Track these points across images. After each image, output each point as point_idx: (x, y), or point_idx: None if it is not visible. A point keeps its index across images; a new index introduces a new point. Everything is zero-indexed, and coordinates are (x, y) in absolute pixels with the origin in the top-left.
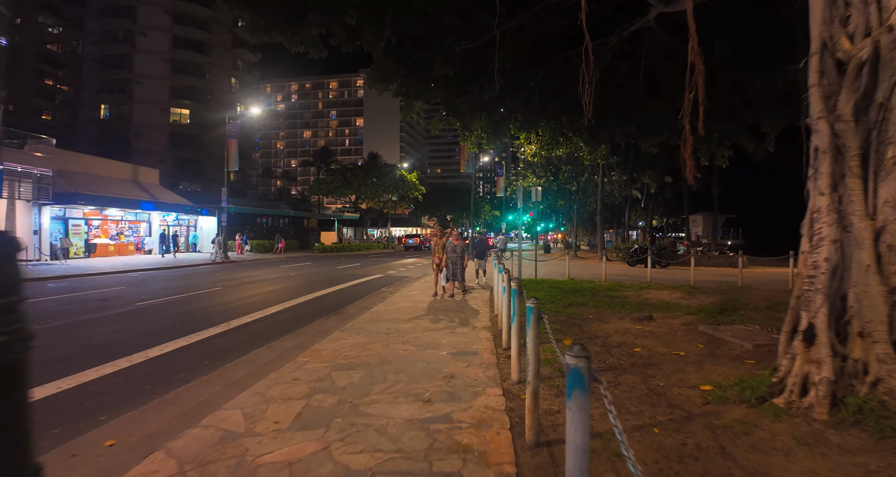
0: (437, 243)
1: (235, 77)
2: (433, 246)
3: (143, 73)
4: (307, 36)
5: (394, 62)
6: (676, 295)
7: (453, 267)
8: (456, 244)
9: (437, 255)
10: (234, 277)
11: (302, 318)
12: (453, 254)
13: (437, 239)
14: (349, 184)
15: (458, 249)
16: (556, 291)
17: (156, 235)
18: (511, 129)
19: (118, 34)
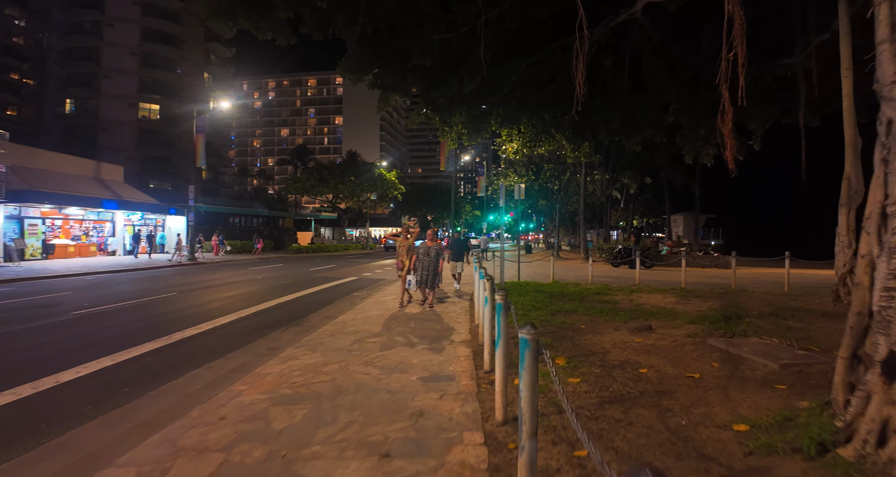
0: (402, 244)
1: (208, 72)
2: (397, 247)
3: (111, 67)
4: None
5: (369, 52)
6: (670, 300)
7: (425, 272)
8: (430, 245)
9: (401, 257)
10: (195, 280)
11: (256, 329)
12: (426, 257)
13: (402, 239)
14: (325, 182)
15: (431, 252)
16: (541, 295)
17: (120, 236)
18: (492, 124)
19: (85, 26)
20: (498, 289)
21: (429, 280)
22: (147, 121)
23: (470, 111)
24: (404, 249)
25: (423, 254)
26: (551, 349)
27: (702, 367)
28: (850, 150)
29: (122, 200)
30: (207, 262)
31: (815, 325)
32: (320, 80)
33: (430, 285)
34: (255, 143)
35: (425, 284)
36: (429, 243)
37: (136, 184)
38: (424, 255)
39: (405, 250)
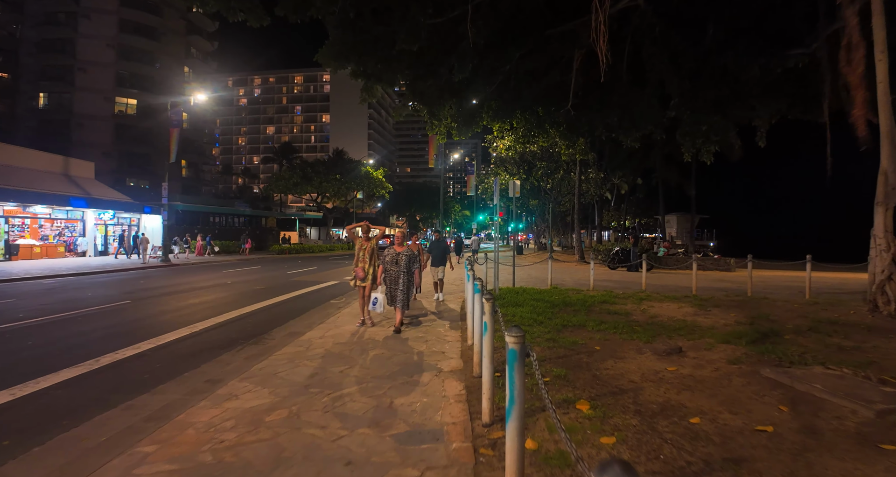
0: (363, 247)
1: (189, 66)
2: (355, 250)
3: (87, 60)
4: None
5: (351, 37)
6: (687, 310)
7: (393, 286)
8: (399, 251)
9: (361, 263)
10: (158, 285)
11: (205, 351)
12: (393, 267)
13: (363, 241)
14: (309, 180)
15: (401, 260)
16: (541, 304)
17: (91, 236)
18: (484, 118)
19: (60, 16)
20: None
21: (397, 296)
22: (124, 116)
23: (460, 103)
24: (365, 254)
25: (389, 262)
26: (567, 384)
27: (768, 413)
28: (887, 142)
29: (91, 198)
30: (182, 263)
31: (868, 344)
32: (307, 77)
33: (399, 303)
34: (241, 141)
35: (393, 301)
36: (397, 248)
37: (113, 181)
38: (391, 264)
39: (366, 254)
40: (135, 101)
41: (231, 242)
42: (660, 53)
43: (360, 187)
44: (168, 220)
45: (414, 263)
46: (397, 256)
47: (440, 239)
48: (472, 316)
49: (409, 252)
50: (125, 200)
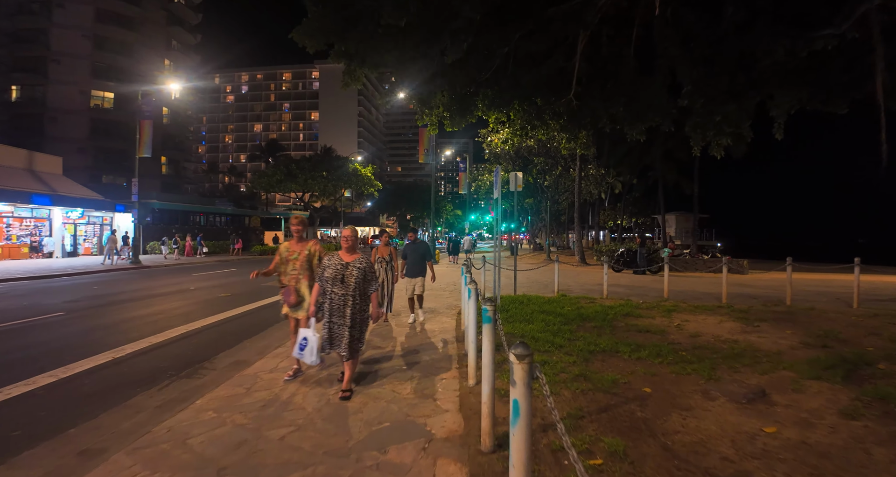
0: (292, 252)
1: (169, 59)
2: (279, 261)
3: (62, 51)
4: None
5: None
6: (730, 325)
7: (336, 320)
8: (348, 260)
9: (289, 281)
10: (111, 292)
11: (120, 386)
12: (338, 288)
13: (292, 244)
14: (294, 177)
15: (350, 276)
16: (555, 319)
17: (58, 235)
18: (479, 107)
19: (33, 6)
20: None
21: (343, 337)
22: (100, 110)
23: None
24: (296, 263)
25: (329, 280)
26: (625, 463)
27: None
28: None
29: (57, 195)
30: (154, 265)
31: None
32: (296, 74)
33: (347, 349)
34: (227, 139)
35: (335, 344)
36: (345, 257)
37: (88, 178)
38: (333, 281)
39: (298, 264)
40: (112, 95)
41: (221, 242)
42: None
43: (347, 185)
44: (143, 219)
45: (371, 283)
46: (343, 269)
47: (416, 241)
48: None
49: (362, 264)
50: (94, 198)
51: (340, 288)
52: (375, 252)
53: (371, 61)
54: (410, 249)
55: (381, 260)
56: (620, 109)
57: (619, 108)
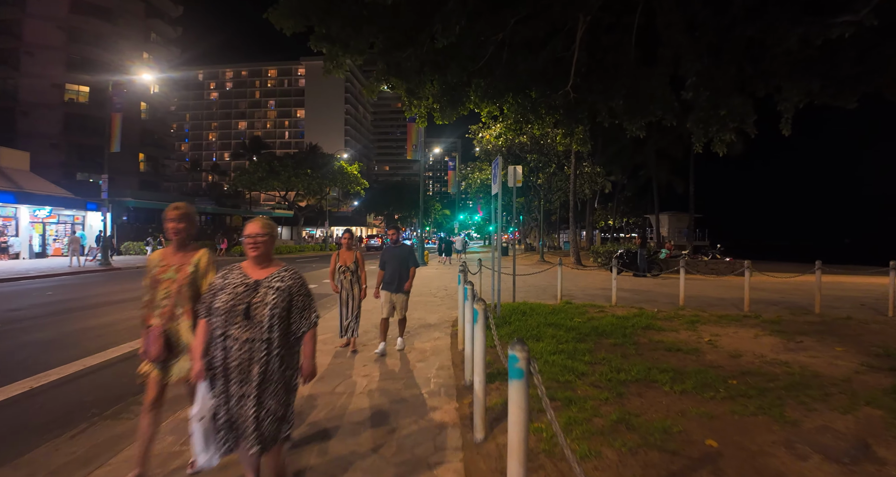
0: (165, 268)
1: (148, 52)
2: (148, 278)
3: (34, 43)
4: None
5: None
6: (768, 341)
7: (234, 387)
8: (259, 278)
9: (158, 313)
10: (65, 298)
11: (26, 429)
12: (244, 328)
13: (167, 254)
14: (277, 175)
15: (268, 308)
16: (566, 334)
17: (25, 235)
18: (472, 97)
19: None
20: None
21: (249, 419)
22: (75, 104)
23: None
24: (175, 290)
25: (225, 313)
26: None
27: None
28: None
29: (23, 193)
30: (125, 267)
31: None
32: (281, 71)
33: (253, 438)
34: (211, 137)
35: (231, 430)
36: (252, 272)
37: (61, 175)
38: (231, 317)
39: (178, 292)
40: (87, 89)
41: (208, 242)
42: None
43: (333, 183)
44: (118, 218)
45: (302, 315)
46: (248, 294)
47: (398, 243)
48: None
49: (285, 281)
50: (64, 195)
51: (244, 328)
52: (336, 259)
53: (355, 46)
54: (391, 253)
55: (344, 269)
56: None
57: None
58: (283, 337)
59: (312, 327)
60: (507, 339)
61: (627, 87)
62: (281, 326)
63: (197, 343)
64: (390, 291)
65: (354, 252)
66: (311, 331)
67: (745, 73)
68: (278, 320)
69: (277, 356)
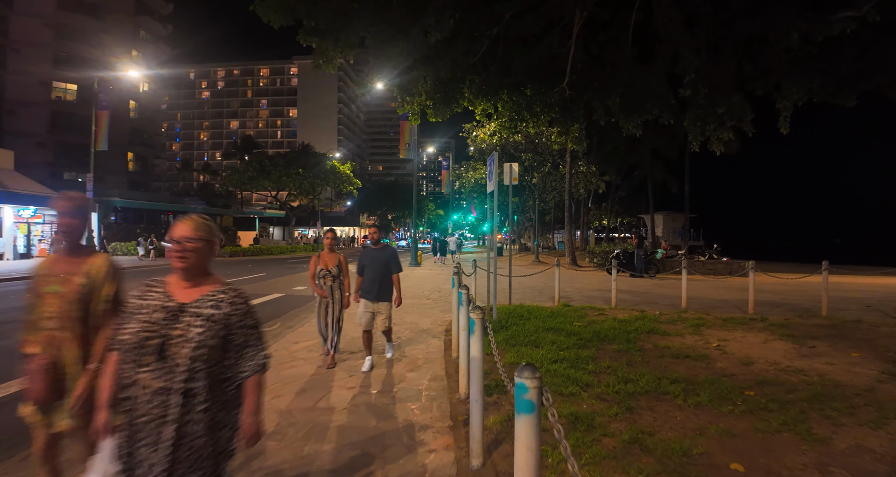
0: (47, 280)
1: (137, 49)
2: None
3: (21, 40)
4: None
5: None
6: (779, 346)
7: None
8: (185, 302)
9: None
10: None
11: None
12: (156, 372)
13: (56, 261)
14: (267, 174)
15: (191, 346)
16: (567, 340)
17: (8, 235)
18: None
19: None
20: None
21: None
22: (62, 102)
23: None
24: (66, 308)
25: (134, 350)
26: None
27: None
28: None
29: (6, 192)
30: None
31: None
32: (273, 70)
33: None
34: (203, 136)
35: None
36: (176, 291)
37: (47, 174)
38: (141, 355)
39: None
40: (74, 87)
41: None
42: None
43: (325, 183)
44: (104, 218)
45: (245, 353)
46: (165, 325)
47: (378, 244)
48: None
49: (221, 308)
50: (49, 194)
51: (155, 373)
52: (316, 262)
53: (345, 41)
54: (369, 256)
55: (325, 273)
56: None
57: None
58: (214, 387)
59: (259, 372)
60: (505, 345)
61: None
62: (209, 372)
63: (104, 385)
64: (369, 299)
65: (337, 255)
66: (256, 376)
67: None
68: (204, 364)
69: (202, 413)
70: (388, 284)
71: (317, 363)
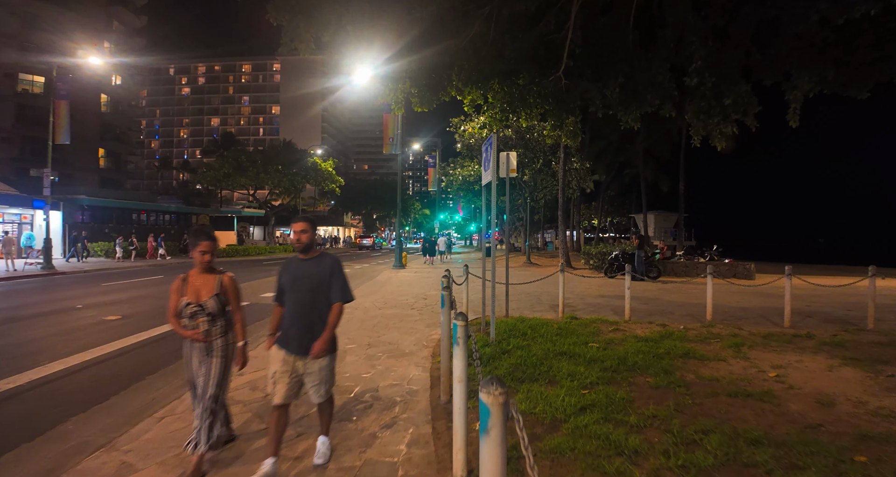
0: None
1: (110, 41)
2: None
3: None
4: None
5: None
6: (850, 374)
7: None
8: None
9: None
10: None
11: None
12: None
13: None
14: (244, 171)
15: None
16: (585, 369)
17: None
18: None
19: None
20: None
21: None
22: (29, 95)
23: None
24: None
25: None
26: None
27: None
28: None
29: None
30: (70, 271)
31: None
32: (256, 66)
33: None
34: (182, 134)
35: None
36: None
37: (13, 171)
38: None
39: None
40: (42, 79)
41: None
42: None
43: (305, 180)
44: (71, 217)
45: None
46: None
47: (311, 251)
48: None
49: None
50: (7, 192)
51: None
52: (180, 289)
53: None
54: (295, 273)
55: (194, 310)
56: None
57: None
58: None
59: None
60: (510, 381)
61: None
62: None
63: None
64: (290, 349)
65: (218, 277)
66: None
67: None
68: None
69: None
70: (326, 321)
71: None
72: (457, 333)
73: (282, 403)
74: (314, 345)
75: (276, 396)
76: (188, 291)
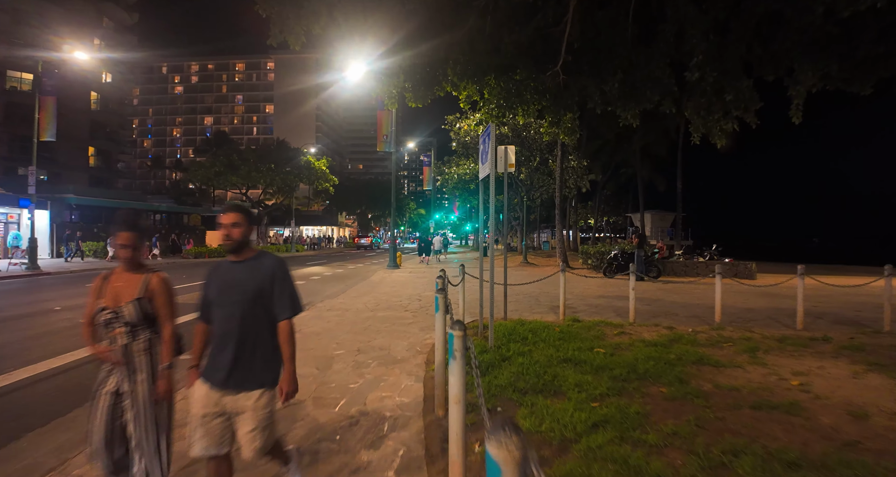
0: None
1: (100, 38)
2: None
3: None
4: None
5: None
6: (877, 382)
7: None
8: None
9: None
10: None
11: None
12: None
13: None
14: (236, 169)
15: None
16: (593, 378)
17: None
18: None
19: None
20: None
21: None
22: (17, 93)
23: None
24: None
25: None
26: None
27: None
28: None
29: None
30: (56, 271)
31: None
32: (249, 65)
33: None
34: (175, 133)
35: None
36: None
37: (2, 169)
38: None
39: None
40: (31, 76)
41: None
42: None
43: (298, 179)
44: (58, 216)
45: None
46: None
47: (243, 251)
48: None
49: None
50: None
51: None
52: (98, 290)
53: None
54: (226, 276)
55: (110, 318)
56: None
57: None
58: None
59: None
60: (512, 393)
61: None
62: None
63: None
64: (215, 383)
65: (145, 276)
66: None
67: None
68: None
69: None
70: (267, 345)
71: None
72: (453, 344)
73: (210, 453)
74: (280, 385)
75: (196, 445)
76: (106, 293)
